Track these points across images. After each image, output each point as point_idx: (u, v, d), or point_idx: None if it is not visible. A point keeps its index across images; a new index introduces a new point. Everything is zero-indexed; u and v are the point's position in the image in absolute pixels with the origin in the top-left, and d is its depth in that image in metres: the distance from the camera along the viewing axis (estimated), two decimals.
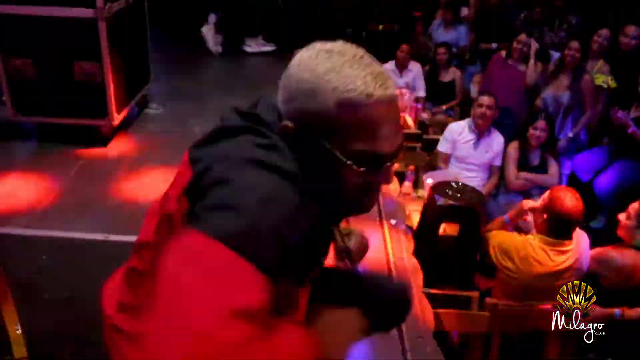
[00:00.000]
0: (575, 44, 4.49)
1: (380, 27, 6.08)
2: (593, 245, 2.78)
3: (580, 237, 2.72)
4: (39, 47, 3.38)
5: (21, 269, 2.50)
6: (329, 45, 0.95)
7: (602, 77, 4.66)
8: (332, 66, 0.90)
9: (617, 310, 2.47)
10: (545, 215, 2.60)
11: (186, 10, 6.17)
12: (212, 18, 5.95)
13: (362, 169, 0.92)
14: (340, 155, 0.91)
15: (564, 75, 4.61)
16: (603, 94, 4.64)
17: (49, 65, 3.42)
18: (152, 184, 3.26)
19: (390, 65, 5.22)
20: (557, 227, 2.60)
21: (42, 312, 2.22)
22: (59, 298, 2.38)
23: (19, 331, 1.64)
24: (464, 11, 6.26)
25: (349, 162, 0.92)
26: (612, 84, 4.61)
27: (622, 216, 2.75)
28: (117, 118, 3.62)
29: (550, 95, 4.66)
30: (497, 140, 4.09)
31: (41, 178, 3.30)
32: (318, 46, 0.95)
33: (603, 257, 2.72)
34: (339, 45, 0.94)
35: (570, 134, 4.60)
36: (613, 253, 2.73)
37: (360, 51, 0.94)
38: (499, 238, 2.76)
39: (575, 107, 4.61)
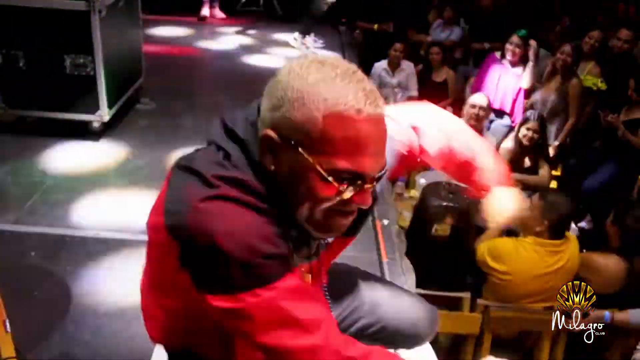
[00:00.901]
0: (567, 48, 4.38)
1: (376, 26, 6.05)
2: (581, 245, 2.80)
3: (571, 238, 2.74)
4: (30, 39, 3.34)
5: (9, 265, 2.46)
6: (321, 57, 0.93)
7: (591, 79, 4.66)
8: (324, 77, 0.87)
9: (607, 313, 2.48)
10: (546, 223, 2.61)
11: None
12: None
13: (341, 186, 0.88)
14: (320, 170, 0.87)
15: (554, 78, 4.58)
16: (592, 96, 4.63)
17: (40, 58, 3.38)
18: (143, 180, 3.23)
19: (382, 64, 5.19)
20: (554, 230, 2.62)
21: (31, 309, 2.19)
22: (47, 295, 2.36)
23: (8, 330, 1.61)
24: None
25: (329, 177, 0.87)
26: (602, 85, 4.62)
27: (608, 221, 2.77)
28: (109, 113, 3.59)
29: (538, 97, 4.65)
30: (488, 141, 4.09)
31: (30, 173, 3.26)
32: (310, 58, 0.93)
33: (589, 262, 2.74)
34: (332, 58, 0.92)
35: (556, 142, 4.55)
36: (599, 259, 2.75)
37: (353, 67, 0.91)
38: (489, 244, 2.76)
39: (560, 110, 4.57)
